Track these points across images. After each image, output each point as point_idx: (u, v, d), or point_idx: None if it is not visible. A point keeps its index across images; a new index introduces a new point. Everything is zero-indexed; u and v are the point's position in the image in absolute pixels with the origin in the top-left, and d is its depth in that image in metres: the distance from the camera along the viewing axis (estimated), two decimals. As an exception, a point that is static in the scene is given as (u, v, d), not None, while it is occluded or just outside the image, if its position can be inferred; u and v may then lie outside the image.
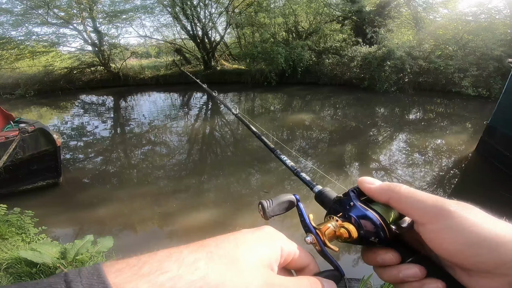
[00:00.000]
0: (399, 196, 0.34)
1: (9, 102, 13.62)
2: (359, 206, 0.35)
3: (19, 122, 5.89)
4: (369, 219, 0.34)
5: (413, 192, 0.33)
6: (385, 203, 0.35)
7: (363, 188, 0.37)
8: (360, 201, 0.36)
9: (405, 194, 0.33)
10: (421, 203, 0.32)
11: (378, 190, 0.36)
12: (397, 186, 0.35)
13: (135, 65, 18.99)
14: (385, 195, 0.35)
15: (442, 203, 0.31)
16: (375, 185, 0.36)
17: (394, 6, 14.58)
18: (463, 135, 7.58)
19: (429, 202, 0.31)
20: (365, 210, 0.35)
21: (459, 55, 11.78)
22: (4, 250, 2.30)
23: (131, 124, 10.20)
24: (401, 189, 0.34)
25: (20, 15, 15.07)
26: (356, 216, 0.35)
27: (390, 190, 0.35)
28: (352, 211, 0.36)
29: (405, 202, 0.33)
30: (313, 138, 8.05)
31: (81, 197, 4.94)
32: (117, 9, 16.38)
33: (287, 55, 13.84)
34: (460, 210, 0.30)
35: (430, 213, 0.31)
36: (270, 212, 0.38)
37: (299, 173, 0.60)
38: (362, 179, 0.37)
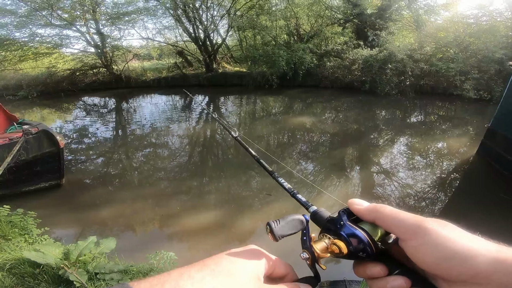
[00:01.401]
0: (383, 216, 0.38)
1: (12, 103, 13.70)
2: (348, 225, 0.40)
3: (22, 123, 5.94)
4: (357, 236, 0.38)
5: (396, 212, 0.38)
6: (372, 222, 0.40)
7: (352, 209, 0.42)
8: (350, 220, 0.41)
9: (389, 214, 0.38)
10: (402, 222, 0.36)
11: (365, 211, 0.40)
12: (382, 207, 0.39)
13: (137, 67, 19.09)
14: (372, 215, 0.39)
15: (420, 222, 0.35)
16: (363, 206, 0.41)
17: (395, 8, 14.62)
18: (464, 138, 7.58)
19: (409, 221, 0.36)
20: (353, 228, 0.39)
21: (460, 58, 11.78)
22: (7, 251, 2.32)
23: (133, 126, 10.25)
24: (385, 210, 0.38)
25: (24, 17, 15.13)
26: (346, 234, 0.39)
27: (375, 211, 0.39)
28: (342, 230, 0.40)
29: (389, 222, 0.38)
30: (314, 141, 8.06)
31: (83, 198, 4.97)
32: (120, 11, 16.47)
33: (289, 57, 13.88)
34: (436, 228, 0.34)
35: (410, 231, 0.35)
36: (278, 233, 0.41)
37: (295, 195, 0.64)
38: (352, 201, 0.43)
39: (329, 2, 15.72)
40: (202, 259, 0.36)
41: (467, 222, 1.86)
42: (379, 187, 5.26)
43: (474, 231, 0.35)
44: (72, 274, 1.87)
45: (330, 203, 4.58)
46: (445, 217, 0.36)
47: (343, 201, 2.90)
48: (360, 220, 0.41)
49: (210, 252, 3.53)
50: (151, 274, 2.46)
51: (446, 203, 4.71)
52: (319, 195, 4.88)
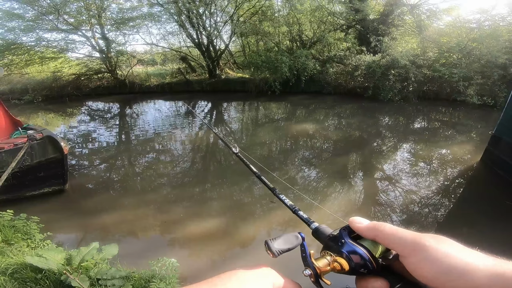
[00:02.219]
0: (383, 235, 0.40)
1: (18, 107, 13.87)
2: (349, 243, 0.41)
3: (27, 128, 6.00)
4: (358, 254, 0.40)
5: (395, 230, 0.39)
6: (372, 239, 0.41)
7: (353, 227, 0.43)
8: (351, 238, 0.42)
9: (388, 232, 0.39)
10: (402, 239, 0.38)
11: (365, 229, 0.42)
12: (382, 225, 0.40)
13: (141, 73, 19.26)
14: (372, 234, 0.41)
15: (418, 239, 0.36)
16: (363, 224, 0.42)
17: (397, 14, 14.67)
18: (468, 145, 7.53)
19: (408, 239, 0.37)
20: (354, 246, 0.41)
21: (463, 63, 11.76)
22: (10, 256, 2.33)
23: (136, 131, 10.30)
24: (385, 229, 0.40)
25: (31, 21, 15.36)
26: (347, 251, 0.40)
27: (376, 229, 0.41)
28: (343, 248, 0.41)
29: (389, 239, 0.39)
30: (317, 148, 8.05)
31: (86, 203, 4.99)
32: (125, 16, 16.68)
33: (291, 64, 13.93)
34: (435, 244, 0.35)
35: (409, 248, 0.36)
36: (276, 248, 0.42)
37: (297, 211, 0.65)
38: (352, 219, 0.44)
39: (332, 8, 15.82)
40: (210, 277, 0.36)
41: (471, 229, 1.85)
42: (382, 193, 5.22)
43: (478, 239, 0.36)
44: (74, 280, 1.87)
45: (331, 218, 4.56)
46: (448, 224, 0.37)
47: (345, 211, 2.92)
48: (361, 237, 0.42)
49: (212, 259, 3.52)
50: (153, 280, 2.45)
51: (449, 210, 4.66)
52: (320, 208, 4.87)
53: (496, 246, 0.32)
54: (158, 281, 2.37)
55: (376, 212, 4.61)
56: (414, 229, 4.17)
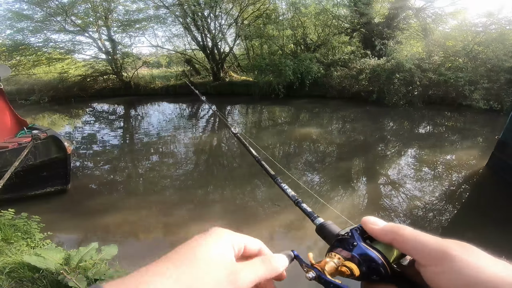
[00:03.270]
0: (403, 239, 0.35)
1: (24, 108, 14.03)
2: (362, 247, 0.37)
3: (32, 128, 6.05)
4: (371, 258, 0.36)
5: (417, 234, 0.35)
6: (388, 243, 0.37)
7: (366, 229, 0.39)
8: (363, 239, 0.38)
9: (409, 237, 0.35)
10: (425, 246, 0.34)
11: (381, 231, 0.38)
12: (401, 228, 0.36)
13: (146, 75, 19.43)
14: (389, 237, 0.37)
15: (445, 247, 0.32)
16: (379, 226, 0.38)
17: (402, 17, 14.63)
18: (474, 150, 7.42)
19: (433, 246, 0.33)
20: (368, 250, 0.37)
21: (469, 67, 11.66)
22: (8, 254, 2.33)
23: (140, 133, 10.35)
24: (405, 232, 0.36)
25: (40, 22, 15.60)
26: (359, 255, 0.36)
27: (394, 232, 0.36)
28: (355, 251, 0.37)
29: (409, 245, 0.35)
30: (320, 152, 7.99)
31: (88, 204, 4.99)
32: (131, 18, 16.89)
33: (295, 67, 13.92)
34: (462, 254, 0.31)
35: (433, 256, 0.32)
36: None
37: (300, 204, 0.60)
38: (366, 219, 0.40)
39: (336, 11, 15.83)
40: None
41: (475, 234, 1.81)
42: (386, 198, 5.16)
43: (482, 244, 0.32)
44: (71, 280, 1.85)
45: (334, 215, 4.50)
46: (452, 228, 0.34)
47: (348, 216, 2.86)
48: (373, 239, 0.39)
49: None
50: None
51: (454, 215, 4.59)
52: (325, 206, 4.82)
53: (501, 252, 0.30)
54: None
55: (380, 217, 4.53)
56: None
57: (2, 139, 5.53)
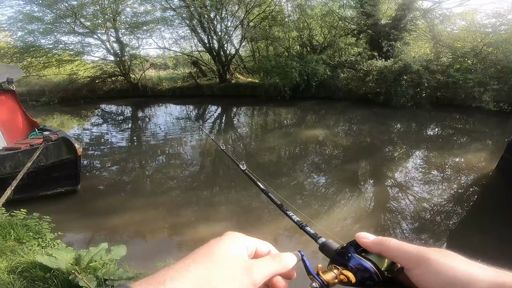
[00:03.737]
0: (389, 249, 0.42)
1: (35, 109, 14.30)
2: (356, 257, 0.43)
3: (43, 129, 6.18)
4: (364, 267, 0.42)
5: (400, 244, 0.41)
6: (378, 254, 0.43)
7: (359, 242, 0.45)
8: (357, 252, 0.44)
9: (393, 247, 0.41)
10: (407, 253, 0.40)
11: (371, 244, 0.44)
12: (387, 240, 0.43)
13: (153, 76, 19.62)
14: (378, 248, 0.43)
15: (423, 253, 0.38)
16: (369, 239, 0.45)
17: (410, 19, 14.48)
18: (483, 153, 7.31)
19: (412, 253, 0.39)
20: (360, 260, 0.43)
21: (478, 69, 11.49)
22: (20, 254, 2.39)
23: (147, 135, 10.46)
24: (390, 243, 0.42)
25: (50, 24, 15.89)
26: (353, 265, 0.43)
27: (381, 243, 0.43)
28: (350, 261, 0.43)
29: (394, 253, 0.41)
30: (326, 154, 7.97)
31: (97, 204, 5.08)
32: (139, 20, 17.09)
33: (302, 69, 13.90)
34: (438, 257, 0.37)
35: (414, 261, 0.38)
36: None
37: (304, 227, 0.68)
38: (359, 234, 0.46)
39: (343, 13, 15.77)
40: None
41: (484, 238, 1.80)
42: (393, 201, 5.12)
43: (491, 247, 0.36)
44: (82, 280, 1.90)
45: (337, 229, 4.51)
46: (460, 232, 0.38)
47: (354, 218, 2.87)
48: (367, 251, 0.45)
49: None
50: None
51: (462, 218, 4.54)
52: (330, 218, 4.81)
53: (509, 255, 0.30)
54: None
55: (386, 220, 4.52)
56: (426, 236, 4.08)
57: (15, 140, 5.66)
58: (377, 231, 4.09)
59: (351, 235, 0.48)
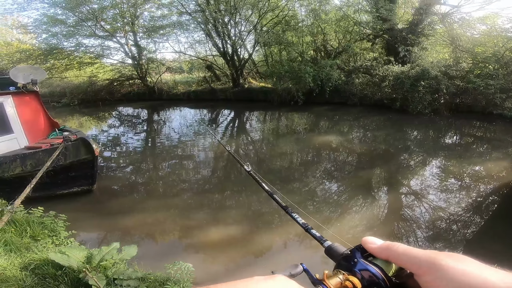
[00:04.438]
0: (397, 255, 0.40)
1: (55, 110, 14.87)
2: (362, 262, 0.42)
3: (63, 130, 6.42)
4: (371, 272, 0.40)
5: (409, 249, 0.39)
6: (385, 259, 0.41)
7: (366, 247, 0.44)
8: (364, 257, 0.43)
9: (401, 252, 0.39)
10: (416, 258, 0.37)
11: (378, 249, 0.42)
12: (395, 245, 0.41)
13: (169, 80, 20.06)
14: (385, 254, 0.41)
15: (433, 258, 0.36)
16: (376, 244, 0.43)
17: (428, 23, 14.16)
18: (504, 162, 7.00)
19: (422, 258, 0.37)
20: (367, 265, 0.41)
21: (500, 74, 11.06)
22: (34, 251, 2.47)
23: (162, 137, 10.66)
24: (398, 249, 0.40)
25: (72, 26, 16.56)
26: (360, 270, 0.41)
27: (388, 249, 0.41)
28: (356, 266, 0.42)
29: (402, 259, 0.39)
30: (339, 161, 7.84)
31: (110, 204, 5.20)
32: (156, 24, 17.57)
33: (315, 74, 13.80)
34: (451, 262, 0.34)
35: (424, 266, 0.36)
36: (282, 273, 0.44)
37: (310, 230, 0.67)
38: (365, 239, 0.44)
39: (358, 17, 15.61)
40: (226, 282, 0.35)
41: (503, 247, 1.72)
42: (407, 209, 4.98)
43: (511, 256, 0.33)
44: (92, 279, 1.94)
45: (344, 236, 4.41)
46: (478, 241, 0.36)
47: (367, 225, 2.80)
48: (374, 256, 0.43)
49: (227, 266, 3.50)
50: (167, 283, 2.48)
51: (480, 227, 4.36)
52: (337, 221, 4.73)
53: None
54: (172, 284, 2.40)
55: (400, 228, 4.40)
56: (441, 245, 3.94)
57: (36, 140, 5.89)
58: (390, 239, 3.98)
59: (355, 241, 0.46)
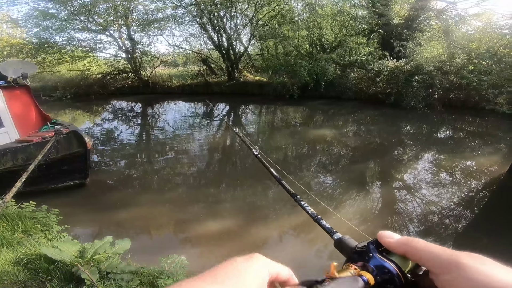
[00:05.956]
0: (416, 250, 0.38)
1: (47, 104, 14.60)
2: (377, 257, 0.40)
3: (55, 123, 6.31)
4: (386, 269, 0.38)
5: (429, 246, 0.37)
6: (402, 255, 0.40)
7: (382, 242, 0.42)
8: (379, 252, 0.41)
9: (422, 248, 0.38)
10: (436, 256, 0.36)
11: (396, 244, 0.40)
12: (414, 240, 0.39)
13: (163, 74, 19.81)
14: (403, 249, 0.39)
15: (455, 257, 0.34)
16: (394, 239, 0.41)
17: (423, 19, 14.18)
18: (495, 156, 7.11)
19: (443, 256, 0.35)
20: (383, 261, 0.39)
21: (493, 70, 11.16)
22: (26, 246, 2.45)
23: (156, 131, 10.58)
24: (417, 244, 0.38)
25: (64, 21, 16.19)
26: (374, 266, 0.39)
27: (407, 244, 0.39)
28: (370, 262, 0.40)
29: (421, 255, 0.38)
30: (334, 154, 7.89)
31: (104, 198, 5.16)
32: (150, 18, 17.27)
33: (311, 68, 13.78)
34: (472, 262, 0.33)
35: (444, 265, 0.35)
36: None
37: (319, 220, 0.65)
38: (382, 233, 0.42)
39: (354, 12, 15.57)
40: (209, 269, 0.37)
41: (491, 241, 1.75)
42: (400, 203, 5.04)
43: (499, 251, 0.33)
44: (84, 273, 1.93)
45: (348, 227, 4.45)
46: (468, 234, 0.35)
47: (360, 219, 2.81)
48: (389, 251, 0.41)
49: (222, 259, 3.54)
50: (161, 277, 2.48)
51: (471, 221, 4.45)
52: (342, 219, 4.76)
53: None
54: (165, 277, 2.40)
55: (393, 222, 4.46)
56: (432, 238, 4.00)
57: (27, 133, 5.80)
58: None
59: (356, 236, 0.45)
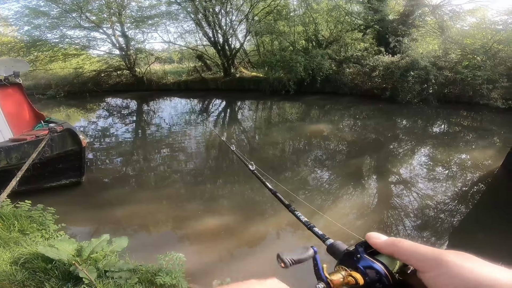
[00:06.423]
0: (402, 250, 0.39)
1: (41, 102, 14.43)
2: (365, 258, 0.41)
3: (49, 122, 6.24)
4: (374, 269, 0.40)
5: (414, 245, 0.39)
6: (390, 255, 0.41)
7: (370, 243, 0.43)
8: (367, 253, 0.42)
9: (407, 247, 0.39)
10: (421, 255, 0.37)
11: (383, 245, 0.42)
12: (400, 241, 0.40)
13: (158, 70, 19.63)
14: (390, 249, 0.41)
15: (438, 255, 0.35)
16: (381, 240, 0.42)
17: (418, 14, 14.23)
18: (489, 150, 7.20)
19: (428, 254, 0.36)
20: (370, 261, 0.41)
21: (488, 66, 11.26)
22: (23, 245, 2.43)
23: (152, 128, 10.51)
24: (403, 244, 0.39)
25: (56, 18, 15.94)
26: (363, 266, 0.41)
27: (394, 245, 0.40)
28: (359, 262, 0.41)
29: (407, 255, 0.39)
30: (330, 149, 7.93)
31: (101, 196, 5.13)
32: (144, 14, 17.06)
33: (307, 63, 13.77)
34: (456, 259, 0.34)
35: (429, 263, 0.36)
36: (288, 259, 0.43)
37: (312, 228, 0.67)
38: (369, 234, 0.44)
39: (349, 8, 15.52)
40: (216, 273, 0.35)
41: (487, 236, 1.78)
42: (396, 197, 5.09)
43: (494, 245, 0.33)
44: (82, 271, 1.92)
45: (343, 230, 4.49)
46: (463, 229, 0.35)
47: (357, 214, 2.85)
48: (378, 253, 0.42)
49: (220, 256, 3.51)
50: (159, 274, 2.48)
51: (466, 216, 4.49)
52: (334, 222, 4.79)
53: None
54: (164, 274, 2.40)
55: (389, 217, 4.50)
56: (428, 233, 4.05)
57: (21, 132, 5.72)
58: (379, 228, 4.07)
59: (353, 231, 0.45)
